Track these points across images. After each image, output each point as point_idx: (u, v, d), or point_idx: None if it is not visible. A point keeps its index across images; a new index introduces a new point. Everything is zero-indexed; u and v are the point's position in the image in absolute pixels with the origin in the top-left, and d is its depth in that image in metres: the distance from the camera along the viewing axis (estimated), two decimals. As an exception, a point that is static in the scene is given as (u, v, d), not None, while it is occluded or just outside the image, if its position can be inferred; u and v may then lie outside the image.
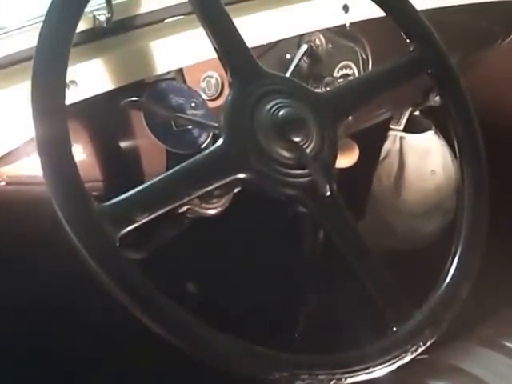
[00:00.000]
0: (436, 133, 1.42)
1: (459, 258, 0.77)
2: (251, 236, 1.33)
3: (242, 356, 0.65)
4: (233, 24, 0.76)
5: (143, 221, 0.65)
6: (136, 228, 0.66)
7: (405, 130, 1.42)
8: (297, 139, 0.71)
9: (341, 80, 1.04)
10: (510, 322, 1.01)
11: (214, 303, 1.29)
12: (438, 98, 1.25)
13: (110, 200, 0.66)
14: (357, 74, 1.06)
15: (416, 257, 1.42)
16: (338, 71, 1.05)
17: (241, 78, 0.73)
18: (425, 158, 1.42)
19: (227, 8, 0.77)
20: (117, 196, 0.66)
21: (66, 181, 0.64)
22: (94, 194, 0.84)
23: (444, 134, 1.42)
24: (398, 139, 1.43)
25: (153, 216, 0.66)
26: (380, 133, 1.43)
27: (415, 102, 1.33)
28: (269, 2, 0.92)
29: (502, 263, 1.17)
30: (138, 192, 0.66)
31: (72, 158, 0.64)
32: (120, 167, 0.88)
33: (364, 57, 1.06)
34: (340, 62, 1.05)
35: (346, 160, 1.00)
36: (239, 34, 0.75)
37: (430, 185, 1.44)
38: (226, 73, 0.74)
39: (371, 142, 1.30)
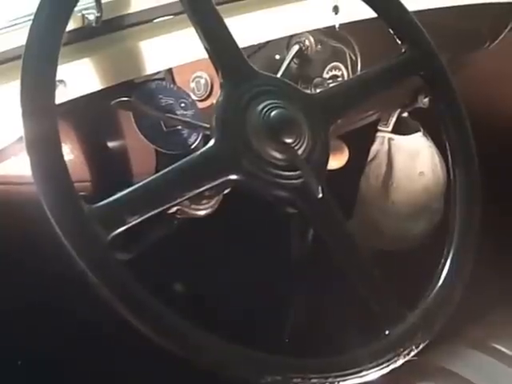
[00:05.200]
0: (424, 134, 1.42)
1: (451, 260, 0.77)
2: (240, 237, 1.32)
3: (234, 360, 0.64)
4: (224, 24, 0.75)
5: (134, 222, 0.64)
6: (125, 228, 0.65)
7: (393, 132, 1.42)
8: (289, 140, 0.71)
9: (330, 81, 1.04)
10: (499, 324, 1.01)
11: (203, 304, 1.29)
12: (426, 99, 1.27)
13: (99, 200, 0.65)
14: (346, 75, 1.06)
15: (404, 258, 1.42)
16: (327, 72, 1.05)
17: (232, 79, 0.73)
18: (413, 159, 1.43)
19: (218, 8, 0.76)
20: (106, 197, 0.65)
21: (55, 181, 0.63)
22: (83, 193, 0.83)
23: (432, 135, 1.42)
24: (386, 140, 1.43)
25: (143, 218, 0.65)
26: (368, 134, 1.43)
27: (404, 103, 1.33)
28: (259, 2, 0.91)
29: (492, 265, 1.17)
30: (128, 193, 0.65)
31: (62, 158, 0.64)
32: (109, 167, 0.88)
33: (353, 58, 1.06)
34: (329, 63, 1.05)
35: (335, 161, 1.00)
36: (230, 34, 0.75)
37: (418, 186, 1.44)
38: (217, 73, 0.74)
39: (360, 143, 1.30)
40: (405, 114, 1.41)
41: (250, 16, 0.89)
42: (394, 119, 1.40)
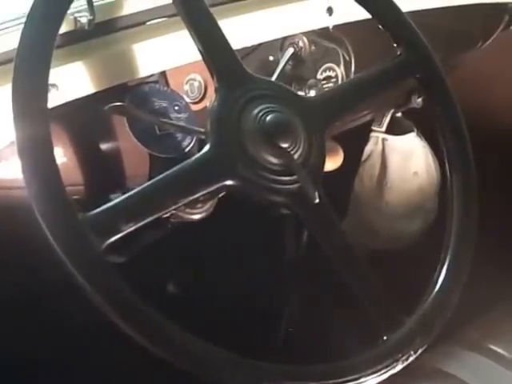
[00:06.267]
0: (418, 134, 1.42)
1: (448, 264, 0.77)
2: (235, 240, 1.32)
3: (231, 368, 0.64)
4: (218, 26, 0.74)
5: (128, 230, 0.63)
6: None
7: (387, 132, 1.42)
8: (284, 145, 0.70)
9: (324, 82, 1.03)
10: (496, 325, 1.01)
11: (200, 309, 1.28)
12: (420, 99, 1.27)
13: (93, 205, 0.64)
14: (340, 76, 1.05)
15: (399, 258, 1.42)
16: (321, 73, 1.04)
17: (227, 83, 0.72)
18: (407, 159, 1.42)
19: (212, 10, 0.75)
20: (100, 201, 0.65)
21: (47, 188, 0.62)
22: (76, 197, 0.83)
23: (426, 135, 1.42)
24: (380, 141, 1.43)
25: (138, 225, 0.64)
26: (362, 134, 1.43)
27: (397, 103, 1.33)
28: (253, 4, 0.91)
29: (488, 266, 1.17)
30: (123, 201, 0.65)
31: (54, 163, 0.63)
32: (103, 171, 0.87)
33: (347, 58, 1.05)
34: (323, 64, 1.04)
35: (330, 163, 1.00)
36: (225, 37, 0.74)
37: (413, 186, 1.44)
38: (212, 77, 0.73)
39: (353, 143, 1.29)
40: (398, 114, 1.41)
41: (243, 18, 0.89)
42: (387, 119, 1.40)
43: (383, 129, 1.41)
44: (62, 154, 0.83)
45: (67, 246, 0.60)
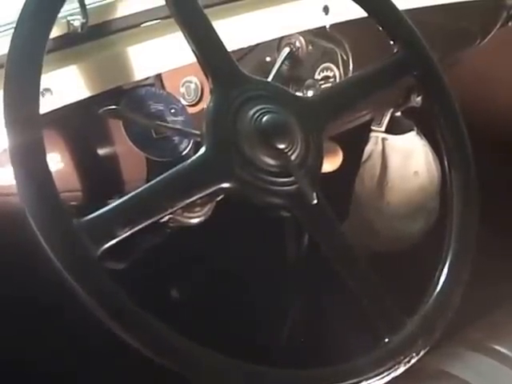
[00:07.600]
0: (418, 133, 1.41)
1: (449, 264, 0.76)
2: (235, 243, 1.31)
3: (235, 373, 0.63)
4: (212, 27, 0.74)
5: (124, 235, 0.63)
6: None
7: (386, 131, 1.41)
8: (281, 146, 0.69)
9: (322, 82, 1.02)
10: (499, 325, 1.00)
11: (198, 311, 1.28)
12: (419, 98, 1.26)
13: (89, 211, 0.63)
14: (338, 76, 1.05)
15: (401, 259, 1.41)
16: (318, 73, 1.03)
17: (222, 84, 0.72)
18: (407, 159, 1.42)
19: (206, 11, 0.75)
20: (96, 207, 0.64)
21: (40, 194, 0.61)
22: (73, 203, 0.82)
23: (426, 134, 1.41)
24: (380, 140, 1.42)
25: (134, 230, 0.63)
26: (362, 134, 1.42)
27: (397, 102, 1.32)
28: (248, 4, 0.90)
29: (491, 265, 1.16)
30: (118, 205, 0.64)
31: (47, 169, 0.62)
32: (99, 176, 0.87)
33: (345, 58, 1.04)
34: (321, 64, 1.03)
35: (329, 164, 0.99)
36: (219, 38, 0.74)
37: (414, 186, 1.43)
38: (207, 78, 0.72)
39: (353, 143, 1.29)
40: (398, 114, 1.40)
41: (239, 18, 0.88)
42: (387, 119, 1.39)
43: (383, 128, 1.41)
44: (57, 160, 0.82)
45: (61, 254, 0.59)
